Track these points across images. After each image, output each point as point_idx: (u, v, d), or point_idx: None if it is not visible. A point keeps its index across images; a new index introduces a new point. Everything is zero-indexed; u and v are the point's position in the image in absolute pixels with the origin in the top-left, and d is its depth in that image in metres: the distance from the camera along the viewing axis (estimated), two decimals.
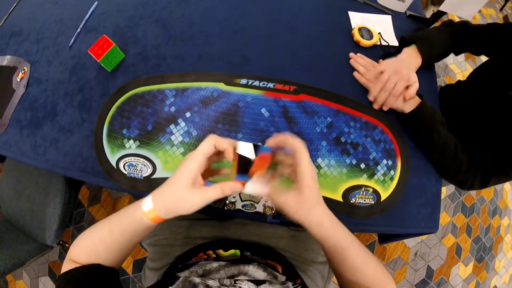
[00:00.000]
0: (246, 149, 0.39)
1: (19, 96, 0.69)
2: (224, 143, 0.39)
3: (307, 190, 0.38)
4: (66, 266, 0.42)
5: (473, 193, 1.68)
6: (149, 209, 0.38)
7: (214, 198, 0.37)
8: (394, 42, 0.79)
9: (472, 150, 0.64)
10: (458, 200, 1.63)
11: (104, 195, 1.48)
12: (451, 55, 0.77)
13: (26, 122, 0.67)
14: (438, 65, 1.79)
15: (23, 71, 0.71)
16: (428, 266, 1.53)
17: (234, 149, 0.40)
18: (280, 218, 0.60)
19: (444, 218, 1.59)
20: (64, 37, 0.74)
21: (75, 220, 1.46)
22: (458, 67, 1.82)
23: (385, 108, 0.67)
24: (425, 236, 1.55)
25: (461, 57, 1.86)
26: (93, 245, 0.43)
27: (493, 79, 0.69)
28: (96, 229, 0.43)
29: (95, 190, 1.48)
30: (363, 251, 0.42)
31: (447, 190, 1.62)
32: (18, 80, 0.71)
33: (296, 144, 0.39)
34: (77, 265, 0.41)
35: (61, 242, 1.19)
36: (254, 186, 0.38)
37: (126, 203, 1.47)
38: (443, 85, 0.95)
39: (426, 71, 0.74)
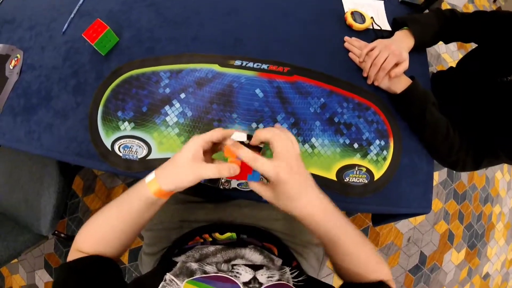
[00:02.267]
0: (240, 138, 0.41)
1: (12, 83, 0.69)
2: (228, 135, 0.41)
3: (281, 185, 0.37)
4: (71, 257, 0.42)
5: (465, 180, 1.71)
6: (151, 179, 0.40)
7: (210, 176, 0.37)
8: (386, 27, 0.79)
9: (464, 132, 0.65)
10: (450, 187, 1.66)
11: (99, 185, 1.47)
12: (444, 44, 0.78)
13: (20, 108, 0.67)
14: (431, 54, 1.81)
15: (16, 59, 0.71)
16: (421, 252, 1.56)
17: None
18: None
19: (437, 205, 1.62)
20: (57, 23, 0.74)
21: (70, 211, 1.45)
22: (450, 56, 1.84)
23: (376, 83, 0.68)
24: (418, 222, 1.58)
25: (454, 46, 1.88)
26: (100, 228, 0.43)
27: (482, 66, 0.70)
28: (102, 212, 0.44)
29: (90, 180, 1.47)
30: (357, 236, 0.42)
31: (439, 177, 1.65)
32: (11, 67, 0.70)
33: (269, 135, 0.39)
34: (83, 255, 0.42)
35: (56, 232, 1.19)
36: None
37: (120, 192, 1.46)
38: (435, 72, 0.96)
39: (418, 56, 0.76)
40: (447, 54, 1.82)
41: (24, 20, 0.76)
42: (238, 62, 0.66)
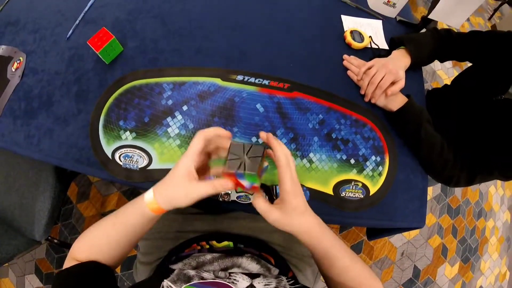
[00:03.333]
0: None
1: (14, 86, 0.68)
2: (209, 132, 0.41)
3: (287, 205, 0.39)
4: (67, 264, 0.43)
5: (458, 195, 1.73)
6: (150, 199, 0.40)
7: (206, 193, 0.38)
8: (384, 45, 0.82)
9: (458, 149, 0.66)
10: (444, 202, 1.68)
11: (93, 192, 1.46)
12: (439, 63, 0.80)
13: (20, 112, 0.66)
14: (426, 71, 1.85)
15: (18, 61, 0.71)
16: (414, 266, 1.56)
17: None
18: None
19: (430, 219, 1.63)
20: (62, 28, 0.74)
21: (64, 217, 1.43)
22: (445, 73, 1.88)
23: (373, 101, 0.70)
24: (412, 236, 1.58)
25: (449, 63, 1.92)
26: (96, 239, 0.44)
27: (477, 84, 0.72)
28: (100, 224, 0.44)
29: (84, 187, 1.46)
30: (349, 253, 0.44)
31: (433, 191, 1.67)
32: (13, 70, 0.70)
33: (280, 158, 0.39)
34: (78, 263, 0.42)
35: (49, 237, 1.17)
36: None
37: (115, 200, 1.45)
38: (430, 89, 0.99)
39: (413, 74, 0.78)
40: (442, 71, 1.87)
41: (29, 22, 0.76)
42: (240, 77, 0.68)
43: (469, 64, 0.81)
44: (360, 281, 0.43)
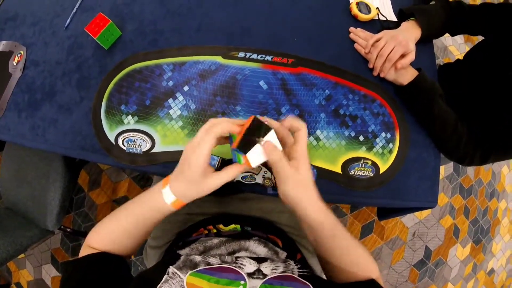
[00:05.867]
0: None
1: (16, 79, 0.69)
2: (222, 130, 0.38)
3: (303, 169, 0.39)
4: (83, 253, 0.44)
5: (471, 174, 1.69)
6: (172, 200, 0.40)
7: (223, 183, 0.39)
8: (392, 17, 0.78)
9: (472, 126, 0.64)
10: (456, 182, 1.64)
11: (104, 179, 1.48)
12: (450, 37, 0.77)
13: (24, 104, 0.67)
14: (437, 46, 1.77)
15: (19, 55, 0.71)
16: (426, 246, 1.55)
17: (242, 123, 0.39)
18: None
19: (442, 199, 1.60)
20: (60, 18, 0.74)
21: (76, 206, 1.47)
22: (457, 49, 1.80)
23: (382, 75, 0.67)
24: (423, 216, 1.56)
25: (461, 39, 1.84)
26: (111, 229, 0.45)
27: (491, 59, 0.68)
28: (115, 215, 0.45)
29: (95, 175, 1.48)
30: (350, 236, 0.43)
31: (445, 171, 1.63)
32: (15, 64, 0.71)
33: (300, 125, 0.40)
34: (93, 251, 0.43)
35: (62, 227, 1.20)
36: (257, 155, 0.37)
37: (125, 186, 1.47)
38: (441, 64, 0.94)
39: (424, 47, 0.74)
40: (454, 47, 1.79)
41: (27, 16, 0.76)
42: (241, 54, 0.66)
43: (482, 39, 0.76)
44: (358, 265, 0.43)
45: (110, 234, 0.45)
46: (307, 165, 0.40)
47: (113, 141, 0.62)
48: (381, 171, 0.63)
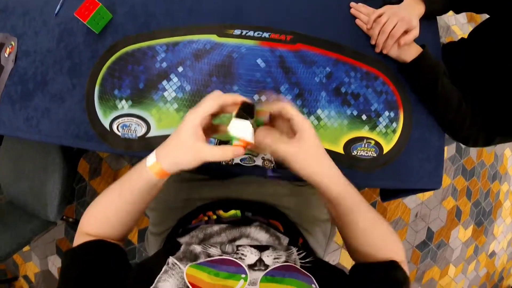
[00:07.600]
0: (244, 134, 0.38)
1: (8, 71, 0.68)
2: (228, 99, 0.38)
3: (307, 138, 0.37)
4: (77, 240, 0.43)
5: (473, 156, 1.67)
6: (152, 162, 0.38)
7: (213, 158, 0.37)
8: None
9: (477, 107, 0.62)
10: (459, 163, 1.63)
11: (105, 167, 1.47)
12: (453, 16, 0.73)
13: (17, 96, 0.66)
14: (440, 25, 1.71)
15: (10, 46, 0.70)
16: (428, 227, 1.55)
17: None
18: (280, 172, 0.59)
19: (445, 181, 1.60)
20: (50, 6, 0.71)
21: (78, 195, 1.47)
22: (460, 29, 1.75)
23: (385, 51, 0.64)
24: (426, 197, 1.56)
25: (464, 18, 1.79)
26: (103, 210, 0.44)
27: (498, 38, 0.65)
28: (104, 194, 0.44)
29: (95, 163, 1.47)
30: (373, 211, 0.41)
31: (447, 152, 1.62)
32: (6, 55, 0.69)
33: (280, 105, 0.38)
34: (88, 238, 0.42)
35: (64, 217, 1.20)
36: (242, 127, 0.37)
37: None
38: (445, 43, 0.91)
39: (428, 24, 0.71)
40: (457, 26, 1.74)
41: (17, 7, 0.74)
42: (237, 31, 0.63)
43: (485, 18, 0.73)
44: (382, 244, 0.41)
45: (103, 214, 0.44)
46: (310, 133, 0.37)
47: (107, 127, 0.60)
48: (385, 151, 0.62)
